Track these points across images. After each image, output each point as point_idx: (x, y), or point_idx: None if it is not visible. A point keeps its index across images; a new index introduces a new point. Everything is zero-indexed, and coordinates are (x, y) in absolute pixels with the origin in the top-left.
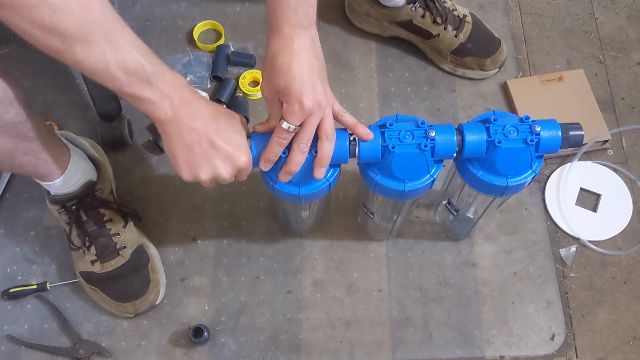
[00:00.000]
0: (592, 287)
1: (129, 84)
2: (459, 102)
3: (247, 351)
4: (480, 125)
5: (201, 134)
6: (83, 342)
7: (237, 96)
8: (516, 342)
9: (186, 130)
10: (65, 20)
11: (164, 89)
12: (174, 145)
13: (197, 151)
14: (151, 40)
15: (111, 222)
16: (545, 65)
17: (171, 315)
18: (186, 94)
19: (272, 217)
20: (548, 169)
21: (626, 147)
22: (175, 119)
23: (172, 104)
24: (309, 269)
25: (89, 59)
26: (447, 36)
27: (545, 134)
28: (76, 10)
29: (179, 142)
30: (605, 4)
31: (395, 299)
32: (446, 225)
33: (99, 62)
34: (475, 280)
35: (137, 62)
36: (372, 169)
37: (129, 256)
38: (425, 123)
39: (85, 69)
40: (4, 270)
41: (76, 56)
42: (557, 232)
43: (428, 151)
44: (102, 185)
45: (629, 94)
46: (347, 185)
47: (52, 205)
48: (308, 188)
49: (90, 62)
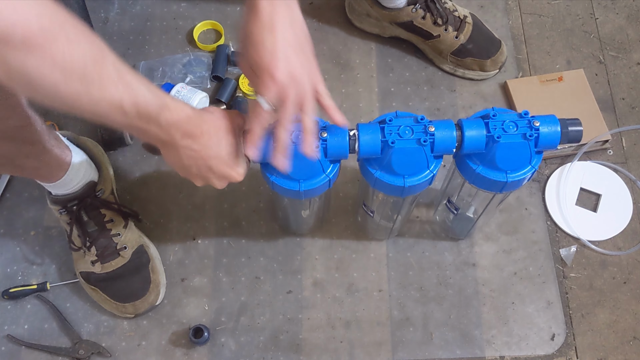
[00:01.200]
0: (592, 287)
1: (138, 120)
2: (459, 102)
3: (247, 351)
4: (479, 121)
5: (199, 161)
6: (83, 342)
7: (237, 96)
8: (516, 342)
9: (185, 157)
10: (79, 54)
11: (170, 122)
12: (170, 161)
13: (194, 171)
14: (151, 40)
15: (112, 222)
16: (545, 65)
17: (171, 315)
18: (189, 129)
19: (272, 217)
20: (548, 169)
21: (626, 147)
22: (176, 147)
23: (174, 137)
24: (309, 269)
25: (105, 98)
26: (448, 37)
27: (544, 129)
28: (86, 47)
29: (176, 161)
30: (605, 4)
31: (395, 299)
32: (446, 224)
33: (114, 100)
34: (476, 280)
35: (146, 98)
36: (372, 165)
37: (129, 257)
38: (425, 119)
39: (98, 109)
40: (4, 270)
41: (92, 96)
42: (557, 232)
43: (428, 146)
44: (102, 186)
45: (629, 94)
46: (347, 185)
47: (53, 205)
48: (308, 184)
49: (107, 100)
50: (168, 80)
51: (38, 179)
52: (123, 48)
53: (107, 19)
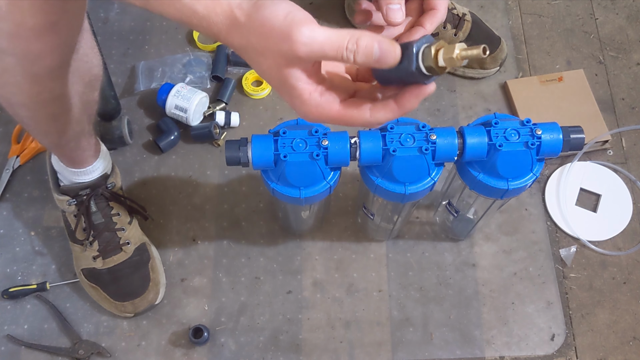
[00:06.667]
0: (592, 287)
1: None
2: (459, 102)
3: (247, 351)
4: (481, 129)
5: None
6: (83, 342)
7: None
8: (516, 343)
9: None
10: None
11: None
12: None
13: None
14: (151, 40)
15: (118, 216)
16: (545, 65)
17: (171, 316)
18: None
19: (272, 217)
20: (548, 169)
21: (626, 147)
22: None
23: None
24: (309, 269)
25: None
26: (447, 35)
27: (546, 137)
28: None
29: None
30: (605, 4)
31: (395, 299)
32: (446, 225)
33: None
34: (475, 280)
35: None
36: (373, 172)
37: (131, 252)
38: (427, 126)
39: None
40: (4, 270)
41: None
42: (557, 232)
43: (429, 154)
44: (114, 179)
45: (629, 94)
46: (347, 186)
47: (62, 196)
48: (309, 191)
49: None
50: (168, 80)
51: (71, 162)
52: (123, 48)
53: (107, 19)
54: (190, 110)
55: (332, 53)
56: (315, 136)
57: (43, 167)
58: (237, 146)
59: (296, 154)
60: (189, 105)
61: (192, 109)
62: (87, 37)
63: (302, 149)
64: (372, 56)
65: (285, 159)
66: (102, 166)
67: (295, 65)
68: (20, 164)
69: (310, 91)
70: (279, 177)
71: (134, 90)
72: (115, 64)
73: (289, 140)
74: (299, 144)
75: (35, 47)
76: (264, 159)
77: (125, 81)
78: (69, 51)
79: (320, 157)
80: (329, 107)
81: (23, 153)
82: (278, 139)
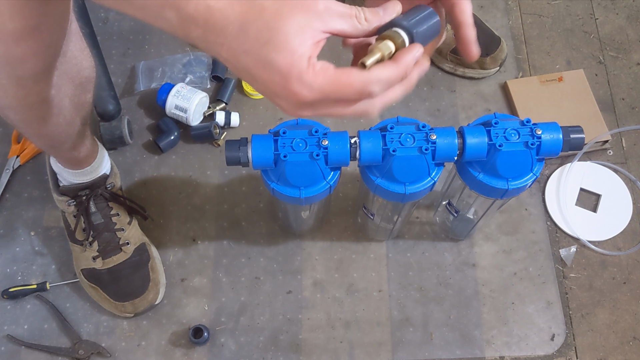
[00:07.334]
0: (592, 287)
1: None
2: (459, 102)
3: (247, 351)
4: (481, 128)
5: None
6: (83, 342)
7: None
8: (516, 343)
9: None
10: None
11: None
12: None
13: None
14: (151, 40)
15: (117, 216)
16: (545, 65)
17: (171, 316)
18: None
19: (272, 217)
20: (548, 169)
21: (626, 147)
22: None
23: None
24: (309, 269)
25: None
26: (447, 35)
27: (546, 137)
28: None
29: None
30: (605, 4)
31: (395, 299)
32: (446, 225)
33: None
34: (475, 280)
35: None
36: (373, 172)
37: (131, 252)
38: (427, 126)
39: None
40: (4, 270)
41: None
42: (557, 232)
43: (429, 154)
44: (113, 180)
45: (629, 94)
46: (347, 186)
47: (62, 196)
48: (309, 191)
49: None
50: (168, 80)
51: (70, 163)
52: (123, 48)
53: (107, 19)
54: (190, 110)
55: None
56: (315, 136)
57: (43, 167)
58: (237, 146)
59: (296, 154)
60: (189, 105)
61: (192, 109)
62: (75, 39)
63: (302, 149)
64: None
65: (285, 159)
66: (100, 167)
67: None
68: (20, 164)
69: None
70: (279, 177)
71: (134, 90)
72: (115, 64)
73: (289, 140)
74: (299, 144)
75: (16, 51)
76: (264, 159)
77: (125, 81)
78: (53, 55)
79: (320, 157)
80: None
81: (23, 153)
82: (278, 139)
